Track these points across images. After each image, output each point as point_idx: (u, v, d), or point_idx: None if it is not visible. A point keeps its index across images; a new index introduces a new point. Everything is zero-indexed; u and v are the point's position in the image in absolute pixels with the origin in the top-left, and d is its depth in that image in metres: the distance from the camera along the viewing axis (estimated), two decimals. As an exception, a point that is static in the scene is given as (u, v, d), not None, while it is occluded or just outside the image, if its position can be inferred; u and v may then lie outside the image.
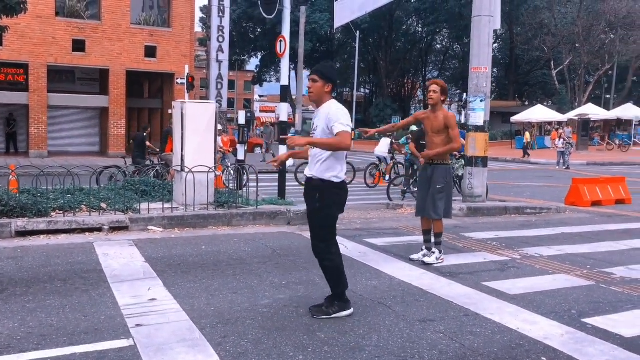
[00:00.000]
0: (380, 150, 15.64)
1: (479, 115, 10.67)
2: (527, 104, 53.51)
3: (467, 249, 7.31)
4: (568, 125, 34.14)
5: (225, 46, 27.29)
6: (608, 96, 51.52)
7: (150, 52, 25.79)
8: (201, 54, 56.39)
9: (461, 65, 57.56)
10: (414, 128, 14.17)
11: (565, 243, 7.84)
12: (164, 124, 25.81)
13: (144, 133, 14.32)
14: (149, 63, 25.93)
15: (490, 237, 8.12)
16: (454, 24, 51.44)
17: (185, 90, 21.82)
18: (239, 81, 68.67)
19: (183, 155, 8.88)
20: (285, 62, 10.80)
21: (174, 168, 9.37)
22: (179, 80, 23.30)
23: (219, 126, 11.46)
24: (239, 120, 11.86)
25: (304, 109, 33.97)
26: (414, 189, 12.21)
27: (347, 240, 7.51)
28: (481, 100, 10.65)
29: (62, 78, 26.28)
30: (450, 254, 6.86)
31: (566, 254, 7.15)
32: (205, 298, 4.94)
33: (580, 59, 44.50)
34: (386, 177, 15.02)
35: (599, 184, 12.63)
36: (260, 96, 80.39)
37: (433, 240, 6.58)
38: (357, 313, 4.64)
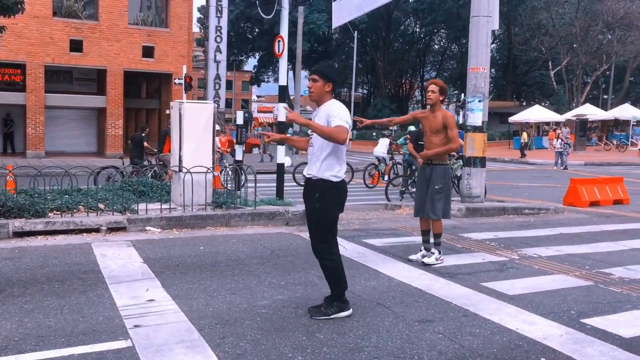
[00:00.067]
0: (379, 150, 15.63)
1: (477, 115, 10.68)
2: (525, 104, 53.53)
3: (466, 250, 7.30)
4: (566, 125, 34.22)
5: (223, 46, 27.24)
6: (605, 96, 51.61)
7: (147, 53, 25.75)
8: (199, 54, 56.40)
9: (459, 66, 57.62)
10: (412, 128, 14.17)
11: (563, 243, 7.84)
12: (162, 124, 25.80)
13: (142, 133, 14.28)
14: (146, 63, 25.89)
15: (489, 238, 8.12)
16: (452, 25, 51.49)
17: (183, 91, 21.75)
18: (236, 81, 68.64)
19: (181, 156, 8.87)
20: (283, 63, 10.77)
21: (172, 168, 9.35)
22: (177, 81, 23.24)
23: (217, 126, 11.43)
24: (237, 120, 11.83)
25: (302, 109, 33.97)
26: (412, 189, 12.21)
27: (346, 240, 7.49)
28: (479, 101, 10.66)
29: (60, 78, 26.23)
30: (449, 254, 6.86)
31: (565, 254, 7.15)
32: (203, 299, 4.93)
33: (577, 60, 44.59)
34: (385, 178, 15.01)
35: (597, 184, 12.64)
36: (258, 96, 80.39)
37: (432, 240, 6.58)
38: (356, 314, 4.63)
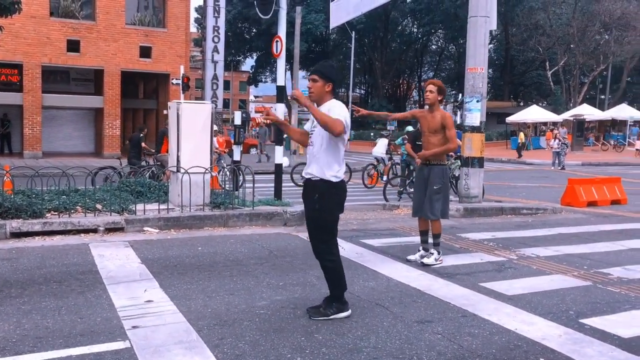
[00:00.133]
0: (378, 151, 15.64)
1: (475, 115, 10.68)
2: (522, 104, 53.63)
3: (464, 250, 7.30)
4: (563, 125, 34.28)
5: (221, 47, 27.23)
6: (603, 97, 51.70)
7: (145, 53, 25.70)
8: (196, 54, 56.36)
9: (456, 66, 57.67)
10: (410, 129, 14.18)
11: (561, 243, 7.84)
12: (159, 124, 25.75)
13: (140, 134, 14.25)
14: (144, 63, 25.84)
15: (487, 238, 8.12)
16: (449, 25, 51.51)
17: (180, 91, 21.72)
18: (234, 82, 68.59)
19: (179, 156, 8.85)
20: (281, 63, 10.75)
21: (170, 169, 9.33)
22: (174, 81, 23.20)
23: (215, 127, 11.42)
24: (235, 121, 11.81)
25: (299, 109, 33.93)
26: (410, 189, 12.21)
27: (344, 241, 7.47)
28: (477, 101, 10.66)
29: (57, 78, 26.16)
30: (447, 254, 6.85)
31: (563, 254, 7.16)
32: (202, 299, 4.92)
33: (575, 60, 44.67)
34: (384, 178, 15.02)
35: (594, 184, 12.65)
36: (256, 97, 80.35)
37: (431, 241, 6.58)
38: (355, 314, 4.62)
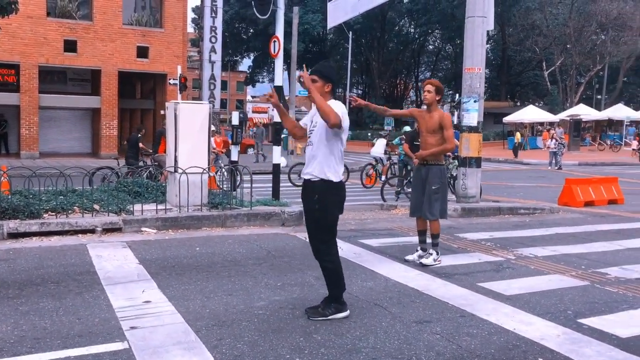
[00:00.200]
0: (377, 151, 15.67)
1: (472, 115, 10.69)
2: (519, 104, 53.76)
3: (462, 250, 7.31)
4: (560, 125, 34.37)
5: (218, 47, 27.19)
6: (599, 97, 51.83)
7: (142, 53, 25.68)
8: (193, 54, 56.22)
9: (453, 66, 57.75)
10: (408, 129, 14.20)
11: (559, 243, 7.85)
12: (157, 124, 25.70)
13: (138, 134, 14.23)
14: (141, 64, 25.81)
15: (485, 238, 8.13)
16: (446, 25, 51.60)
17: (177, 91, 21.74)
18: (231, 82, 68.59)
19: (176, 156, 8.84)
20: (279, 63, 10.74)
21: (168, 169, 9.32)
22: (172, 81, 23.22)
23: (212, 127, 11.39)
24: (233, 121, 11.81)
25: (296, 109, 33.95)
26: (407, 189, 12.22)
27: (342, 241, 7.45)
28: (475, 101, 10.67)
29: (54, 79, 26.12)
30: (445, 254, 6.85)
31: (560, 254, 7.17)
32: (200, 300, 4.91)
33: (571, 60, 44.78)
34: (382, 178, 15.04)
35: (591, 184, 12.68)
36: (253, 97, 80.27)
37: (429, 241, 6.57)
38: (354, 314, 4.62)
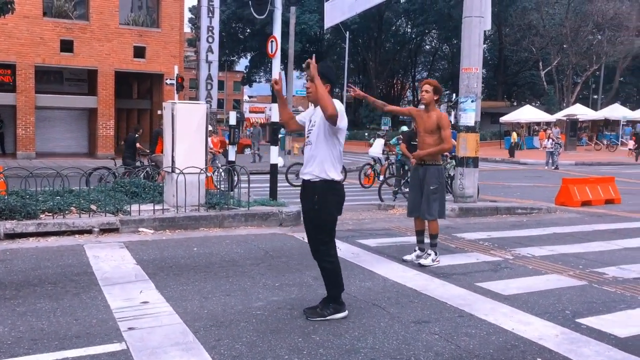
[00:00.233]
0: (375, 151, 15.67)
1: (469, 115, 10.69)
2: (516, 104, 53.76)
3: (460, 250, 7.31)
4: (556, 125, 34.39)
5: (215, 47, 27.07)
6: (596, 96, 51.94)
7: (139, 53, 25.61)
8: (190, 54, 56.23)
9: (450, 66, 57.76)
10: (405, 129, 14.19)
11: (556, 243, 7.87)
12: (153, 124, 25.65)
13: (136, 134, 14.19)
14: (137, 63, 25.74)
15: (482, 238, 8.14)
16: (443, 25, 51.62)
17: (174, 91, 21.66)
18: (228, 82, 68.52)
19: (174, 156, 8.81)
20: (276, 63, 10.74)
21: (165, 169, 9.29)
22: (168, 81, 23.13)
23: (209, 127, 11.37)
24: (230, 121, 11.78)
25: (293, 109, 33.92)
26: (405, 189, 12.21)
27: (340, 241, 7.45)
28: (472, 101, 10.67)
29: (50, 79, 26.03)
30: (443, 254, 6.85)
31: (558, 254, 7.18)
32: (198, 300, 4.90)
33: (568, 60, 44.86)
34: (380, 178, 15.04)
35: (588, 184, 12.70)
36: (250, 97, 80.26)
37: (427, 241, 6.57)
38: (352, 315, 4.61)
